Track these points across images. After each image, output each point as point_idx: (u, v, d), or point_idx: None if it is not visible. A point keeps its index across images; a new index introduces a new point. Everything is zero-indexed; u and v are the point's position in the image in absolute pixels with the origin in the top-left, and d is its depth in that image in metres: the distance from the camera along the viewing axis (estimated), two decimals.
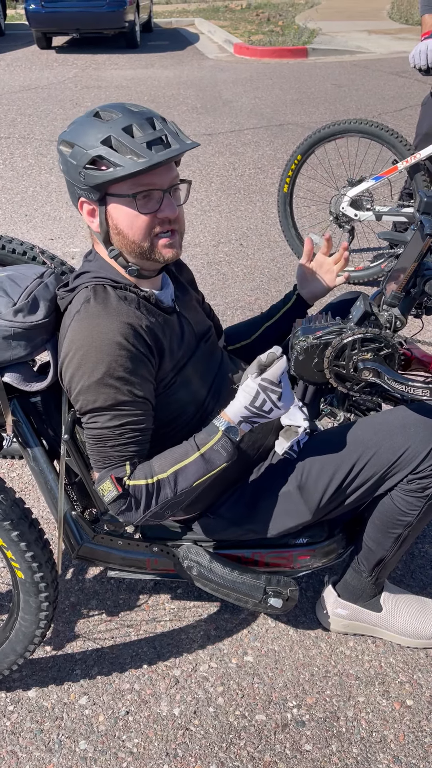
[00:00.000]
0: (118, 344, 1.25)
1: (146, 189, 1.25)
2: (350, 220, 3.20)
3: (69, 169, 1.26)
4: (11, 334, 1.33)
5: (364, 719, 1.54)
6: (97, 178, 1.22)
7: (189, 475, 1.29)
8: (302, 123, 6.35)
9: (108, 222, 1.28)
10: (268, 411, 1.28)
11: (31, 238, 4.07)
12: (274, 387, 1.26)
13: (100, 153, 1.21)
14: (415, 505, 1.43)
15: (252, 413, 1.29)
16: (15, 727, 1.54)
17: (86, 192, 1.26)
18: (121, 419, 1.27)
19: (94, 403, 1.26)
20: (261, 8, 14.59)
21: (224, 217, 4.34)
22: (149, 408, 1.32)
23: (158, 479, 1.29)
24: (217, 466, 1.30)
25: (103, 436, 1.28)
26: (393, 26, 11.76)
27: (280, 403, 1.28)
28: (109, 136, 1.22)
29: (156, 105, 7.14)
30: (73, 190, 1.29)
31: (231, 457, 1.31)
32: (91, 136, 1.23)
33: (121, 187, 1.24)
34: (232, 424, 1.30)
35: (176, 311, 1.42)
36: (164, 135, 1.24)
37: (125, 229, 1.28)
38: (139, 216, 1.26)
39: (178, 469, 1.29)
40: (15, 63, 9.75)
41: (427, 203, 1.45)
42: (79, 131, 1.25)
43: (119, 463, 1.29)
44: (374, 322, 1.47)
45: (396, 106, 6.83)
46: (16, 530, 1.38)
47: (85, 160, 1.22)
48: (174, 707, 1.57)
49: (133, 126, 1.23)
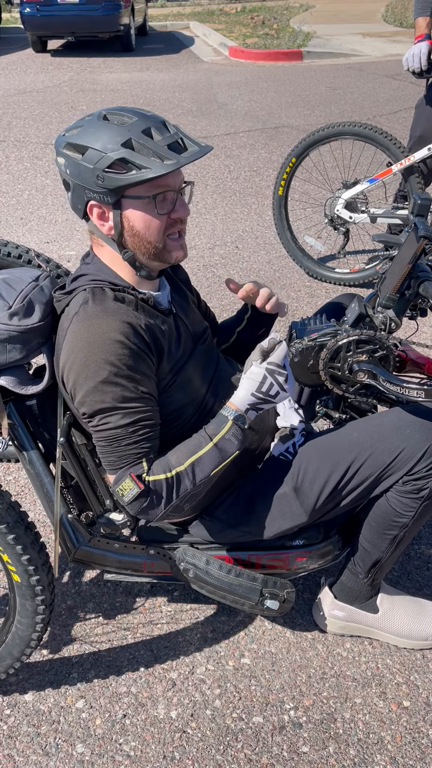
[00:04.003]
0: (119, 343, 1.25)
1: (164, 190, 1.26)
2: (345, 223, 3.21)
3: (81, 173, 1.24)
4: (6, 337, 1.33)
5: (361, 721, 1.54)
6: (119, 180, 1.21)
7: (205, 465, 1.31)
8: (297, 126, 6.37)
9: (123, 224, 1.28)
10: (275, 395, 1.33)
11: (27, 241, 4.07)
12: (281, 369, 1.31)
13: (123, 156, 1.20)
14: (411, 507, 1.43)
15: (258, 399, 1.33)
16: (12, 731, 1.53)
17: (100, 195, 1.25)
18: (132, 416, 1.27)
19: (103, 404, 1.26)
20: (256, 11, 14.62)
21: (220, 220, 4.35)
22: (155, 404, 1.33)
23: (177, 472, 1.30)
24: (230, 454, 1.33)
25: (116, 435, 1.28)
26: (387, 29, 11.80)
27: (287, 386, 1.32)
28: (129, 139, 1.21)
29: (151, 108, 7.14)
30: (81, 195, 1.28)
31: (242, 444, 1.34)
32: (109, 139, 1.22)
33: (139, 190, 1.24)
34: (239, 412, 1.33)
35: (173, 313, 1.42)
36: (180, 138, 1.26)
37: (142, 230, 1.28)
38: (156, 217, 1.28)
39: (194, 461, 1.31)
40: (10, 66, 9.76)
41: (420, 205, 1.46)
42: (92, 134, 1.23)
43: (136, 461, 1.29)
44: (369, 324, 1.48)
45: (390, 109, 6.85)
46: (11, 534, 1.37)
47: (105, 163, 1.21)
48: (171, 710, 1.57)
49: (151, 129, 1.23)
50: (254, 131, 6.26)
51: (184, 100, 7.54)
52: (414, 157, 3.02)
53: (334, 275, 3.42)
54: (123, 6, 10.13)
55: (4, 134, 6.32)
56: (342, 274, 3.41)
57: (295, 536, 1.55)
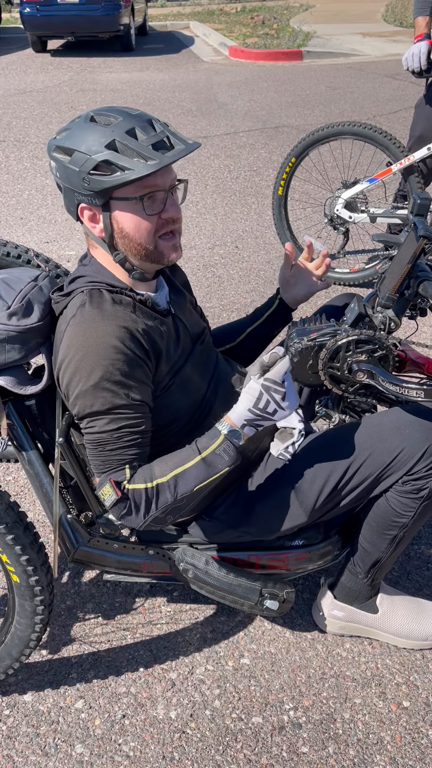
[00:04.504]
0: (114, 348, 1.25)
1: (151, 191, 1.25)
2: (345, 222, 3.21)
3: (69, 176, 1.24)
4: (5, 337, 1.33)
5: (360, 721, 1.54)
6: (104, 182, 1.21)
7: (189, 479, 1.27)
8: (297, 125, 6.37)
9: (113, 226, 1.28)
10: (272, 412, 1.26)
11: (27, 241, 4.07)
12: (278, 387, 1.24)
13: (107, 158, 1.20)
14: (411, 507, 1.43)
15: (256, 415, 1.27)
16: (11, 732, 1.53)
17: (89, 198, 1.25)
18: (118, 422, 1.26)
19: (92, 408, 1.26)
20: (256, 11, 14.61)
21: (219, 220, 4.35)
22: (147, 411, 1.31)
23: (158, 483, 1.27)
24: (219, 470, 1.28)
25: (101, 440, 1.27)
26: (387, 29, 11.80)
27: (284, 404, 1.26)
28: (113, 140, 1.21)
29: (151, 108, 7.15)
30: (71, 197, 1.28)
31: (234, 461, 1.28)
32: (94, 141, 1.21)
33: (126, 191, 1.24)
34: (234, 427, 1.28)
35: (171, 313, 1.42)
36: (166, 137, 1.24)
37: (131, 231, 1.28)
38: (145, 218, 1.27)
39: (178, 474, 1.27)
40: (10, 66, 9.76)
41: (420, 205, 1.46)
42: (78, 137, 1.23)
43: (119, 467, 1.28)
44: (369, 324, 1.48)
45: (390, 109, 6.85)
46: (10, 534, 1.37)
47: (90, 165, 1.21)
48: (170, 710, 1.57)
49: (135, 129, 1.22)
50: (254, 131, 6.26)
51: (184, 99, 7.54)
52: (414, 156, 3.02)
53: (334, 275, 3.42)
54: (123, 6, 10.13)
55: (4, 134, 6.32)
56: (342, 273, 3.40)
57: (295, 536, 1.55)
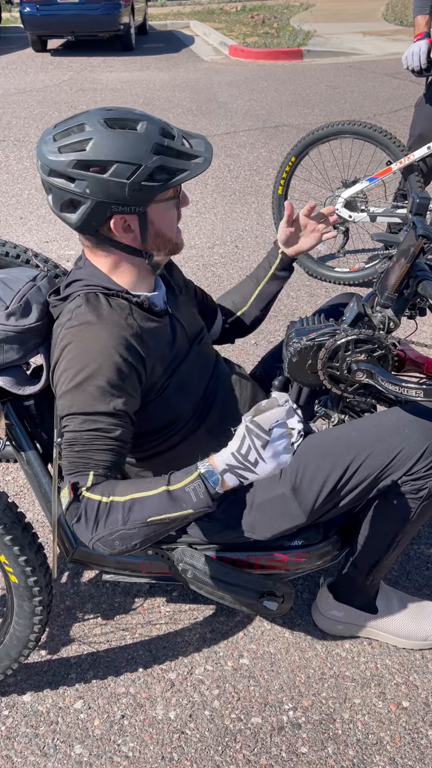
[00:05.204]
0: (106, 355, 1.23)
1: (178, 187, 1.28)
2: (345, 222, 3.20)
3: (109, 189, 1.19)
4: (4, 337, 1.33)
5: (360, 721, 1.53)
6: (159, 188, 1.21)
7: (146, 507, 1.16)
8: (297, 125, 6.36)
9: (148, 229, 1.28)
10: (254, 462, 1.13)
11: (27, 240, 4.07)
12: (260, 432, 1.12)
13: (160, 163, 1.19)
14: (410, 507, 1.43)
15: (238, 462, 1.14)
16: (10, 732, 1.53)
17: (130, 207, 1.22)
18: (92, 425, 1.22)
19: (70, 408, 1.23)
20: (256, 10, 14.60)
21: (219, 219, 4.34)
22: (127, 422, 1.26)
23: (113, 500, 1.17)
24: (182, 509, 1.16)
25: (73, 440, 1.23)
26: (387, 28, 11.79)
27: (265, 454, 1.13)
28: (155, 144, 1.19)
29: (151, 107, 7.14)
30: (102, 211, 1.22)
31: (203, 505, 1.16)
32: (134, 148, 1.18)
33: (166, 192, 1.25)
34: (214, 469, 1.16)
35: (168, 313, 1.42)
36: (181, 132, 1.26)
37: (165, 230, 1.30)
38: (173, 213, 1.30)
39: (136, 498, 1.17)
40: (10, 66, 9.75)
41: (419, 204, 1.45)
42: (110, 147, 1.18)
43: (83, 471, 1.21)
44: (368, 324, 1.47)
45: (391, 108, 6.84)
46: (9, 534, 1.37)
47: (144, 174, 1.18)
48: (170, 711, 1.56)
49: (164, 129, 1.23)
50: (254, 130, 6.25)
51: (184, 99, 7.54)
52: (413, 155, 3.01)
53: (334, 274, 3.42)
54: (123, 5, 10.12)
55: (4, 134, 6.31)
56: (342, 273, 3.40)
57: (294, 536, 1.54)
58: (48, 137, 1.24)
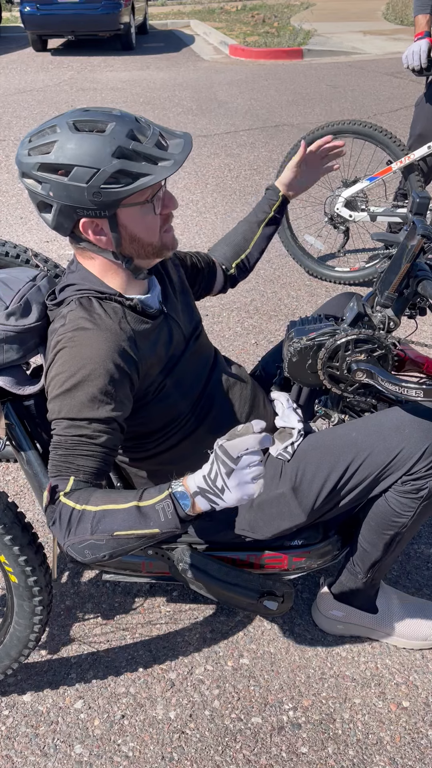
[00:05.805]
0: (98, 361, 1.21)
1: (156, 190, 1.24)
2: (345, 221, 3.20)
3: (70, 194, 1.17)
4: (3, 337, 1.33)
5: (360, 721, 1.53)
6: (120, 193, 1.17)
7: (114, 520, 1.12)
8: (298, 124, 6.36)
9: (121, 233, 1.25)
10: (221, 489, 1.06)
11: (27, 240, 4.07)
12: (226, 459, 1.04)
13: (120, 168, 1.15)
14: (410, 507, 1.43)
15: (207, 486, 1.07)
16: (10, 732, 1.53)
17: (95, 211, 1.20)
18: (78, 430, 1.20)
19: (58, 413, 1.22)
20: (256, 10, 14.59)
21: (220, 219, 4.34)
22: (114, 429, 1.24)
23: (84, 509, 1.14)
24: (149, 527, 1.11)
25: (58, 443, 1.22)
26: (388, 27, 11.78)
27: (230, 483, 1.05)
28: (118, 147, 1.15)
29: (151, 107, 7.14)
30: (69, 215, 1.21)
31: (170, 526, 1.10)
32: (96, 151, 1.15)
33: (135, 196, 1.20)
34: (186, 490, 1.10)
35: (164, 313, 1.40)
36: (158, 133, 1.21)
37: (143, 234, 1.26)
38: (153, 218, 1.25)
39: (107, 510, 1.13)
40: (10, 65, 9.75)
41: (419, 204, 1.45)
42: (71, 150, 1.16)
43: (65, 475, 1.19)
44: (368, 323, 1.47)
45: (391, 107, 6.84)
46: (8, 534, 1.37)
47: (102, 178, 1.15)
48: (170, 710, 1.56)
49: (133, 131, 1.18)
50: (254, 130, 6.25)
51: (185, 98, 7.53)
52: (414, 155, 3.01)
53: (334, 274, 3.41)
54: (123, 4, 10.12)
55: (4, 133, 6.31)
56: (342, 272, 3.40)
57: (294, 536, 1.54)
58: (26, 138, 1.24)
